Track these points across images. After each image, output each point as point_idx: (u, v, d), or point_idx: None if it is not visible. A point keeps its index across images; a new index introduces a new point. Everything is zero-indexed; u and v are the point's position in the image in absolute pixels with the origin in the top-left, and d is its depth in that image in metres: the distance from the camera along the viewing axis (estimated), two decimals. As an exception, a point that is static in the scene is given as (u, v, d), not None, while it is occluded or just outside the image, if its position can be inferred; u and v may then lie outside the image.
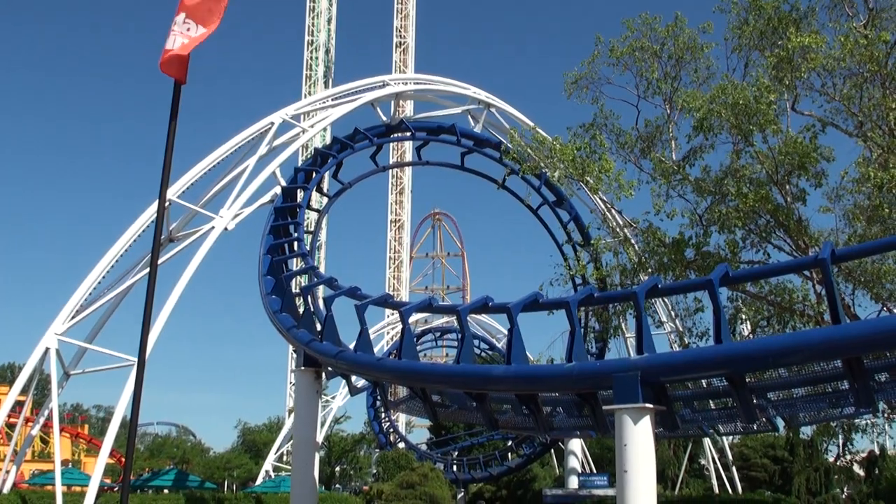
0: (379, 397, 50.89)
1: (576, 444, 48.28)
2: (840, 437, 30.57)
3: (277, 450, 60.59)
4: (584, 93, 26.50)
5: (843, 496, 52.17)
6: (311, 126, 33.12)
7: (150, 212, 27.88)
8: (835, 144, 23.27)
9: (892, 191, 20.35)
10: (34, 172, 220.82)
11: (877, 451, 52.13)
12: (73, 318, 26.82)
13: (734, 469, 52.53)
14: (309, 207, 34.16)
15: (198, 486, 45.13)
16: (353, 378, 26.12)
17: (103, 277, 27.51)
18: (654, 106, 26.28)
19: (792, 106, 23.77)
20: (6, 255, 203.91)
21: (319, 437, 32.98)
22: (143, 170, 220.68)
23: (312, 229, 38.19)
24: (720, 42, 25.32)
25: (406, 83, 39.55)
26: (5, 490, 27.97)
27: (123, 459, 18.66)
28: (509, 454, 55.48)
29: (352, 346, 22.47)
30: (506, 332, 21.20)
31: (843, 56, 21.61)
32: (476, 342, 58.23)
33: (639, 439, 14.99)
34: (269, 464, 59.96)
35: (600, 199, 31.59)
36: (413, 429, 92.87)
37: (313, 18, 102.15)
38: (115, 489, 44.84)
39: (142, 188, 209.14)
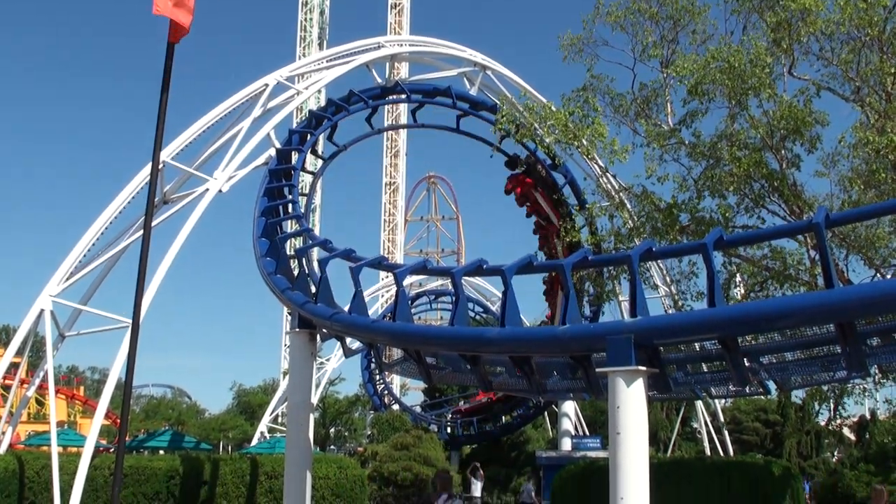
0: (373, 359, 51.11)
1: (569, 407, 48.48)
2: (831, 401, 30.76)
3: (272, 411, 60.83)
4: (580, 55, 26.39)
5: (834, 459, 52.69)
6: (306, 88, 32.92)
7: (144, 173, 27.76)
8: (830, 110, 23.27)
9: (888, 156, 20.35)
10: (26, 135, 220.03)
11: (868, 415, 52.56)
12: (67, 279, 26.79)
13: (726, 432, 52.92)
14: (304, 170, 34.02)
15: (193, 447, 45.29)
16: (348, 340, 26.16)
17: (97, 239, 27.44)
18: (650, 69, 26.21)
19: (789, 70, 23.70)
20: None
21: (314, 399, 33.11)
22: (138, 131, 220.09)
23: (307, 192, 38.07)
24: (720, 2, 25.19)
25: (401, 45, 39.33)
26: (1, 450, 28.08)
27: (119, 421, 18.78)
28: (503, 416, 55.76)
29: (346, 309, 22.48)
30: (500, 295, 21.24)
31: (843, 20, 21.51)
32: (470, 305, 58.32)
33: (632, 402, 15.05)
34: (264, 425, 60.22)
35: (595, 163, 31.52)
36: (407, 391, 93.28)
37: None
38: (111, 450, 45.07)
39: (136, 149, 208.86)
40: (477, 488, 39.68)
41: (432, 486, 17.59)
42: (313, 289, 24.44)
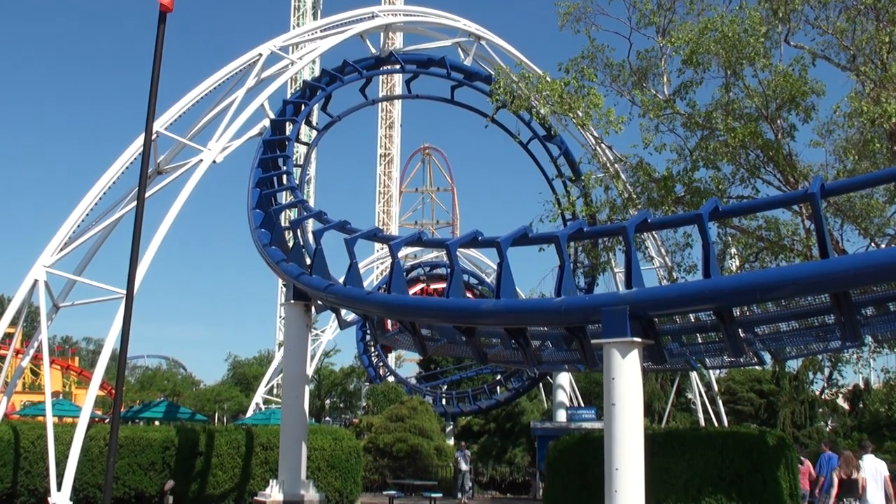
0: (368, 331, 51.19)
1: (564, 378, 48.63)
2: (826, 370, 30.88)
3: (268, 383, 60.96)
4: (577, 24, 26.18)
5: (828, 429, 52.94)
6: (300, 58, 32.72)
7: (138, 144, 27.57)
8: (825, 79, 23.19)
9: (884, 125, 20.28)
10: (18, 104, 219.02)
11: (861, 384, 52.80)
12: (61, 250, 26.71)
13: (720, 403, 53.16)
14: (298, 140, 33.91)
15: (188, 418, 45.47)
16: (343, 312, 26.20)
17: (91, 209, 27.33)
18: (647, 37, 26.05)
19: (785, 38, 23.57)
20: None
21: (309, 371, 33.15)
22: (132, 100, 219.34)
23: (302, 163, 38.01)
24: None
25: (396, 15, 39.06)
26: (-4, 420, 28.15)
27: (114, 391, 18.81)
28: (498, 388, 55.90)
29: (341, 280, 22.48)
30: (495, 267, 21.23)
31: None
32: (465, 277, 58.35)
33: (626, 373, 15.09)
34: (259, 396, 60.37)
35: (590, 134, 31.40)
36: (403, 363, 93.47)
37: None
38: (106, 420, 45.17)
39: (130, 120, 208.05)
40: (463, 463, 39.77)
41: None
42: (308, 260, 24.44)
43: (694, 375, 50.80)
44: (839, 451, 23.72)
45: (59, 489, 23.42)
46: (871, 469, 20.84)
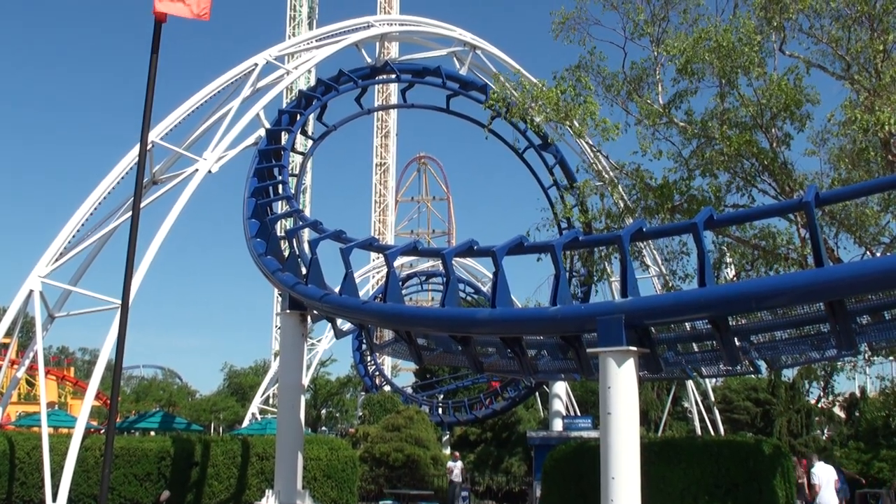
0: (364, 340, 51.11)
1: (560, 387, 48.60)
2: (821, 379, 30.78)
3: (263, 392, 60.86)
4: (572, 34, 26.22)
5: (824, 437, 52.91)
6: (296, 68, 32.77)
7: (134, 154, 27.61)
8: (820, 88, 23.20)
9: (878, 134, 20.31)
10: (12, 113, 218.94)
11: (857, 393, 52.74)
12: (56, 260, 26.69)
13: (717, 411, 53.17)
14: (293, 150, 33.93)
15: (184, 429, 45.36)
16: (339, 321, 26.16)
17: (87, 219, 27.33)
18: (641, 48, 26.08)
19: (780, 48, 23.61)
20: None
21: (305, 380, 33.13)
22: (127, 111, 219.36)
23: (297, 172, 38.01)
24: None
25: (391, 24, 39.14)
26: (-8, 432, 28.08)
27: (109, 402, 18.78)
28: (494, 397, 55.84)
29: (337, 290, 22.47)
30: (491, 277, 21.22)
31: (832, -4, 21.44)
32: (461, 286, 58.33)
33: (622, 382, 15.08)
34: (255, 406, 60.24)
35: (586, 142, 31.42)
36: (399, 372, 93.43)
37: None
38: (102, 431, 45.05)
39: (126, 130, 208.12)
40: (456, 473, 39.67)
41: None
42: (304, 270, 24.42)
43: (690, 384, 50.82)
44: None
45: (54, 500, 23.36)
46: (824, 476, 22.74)
